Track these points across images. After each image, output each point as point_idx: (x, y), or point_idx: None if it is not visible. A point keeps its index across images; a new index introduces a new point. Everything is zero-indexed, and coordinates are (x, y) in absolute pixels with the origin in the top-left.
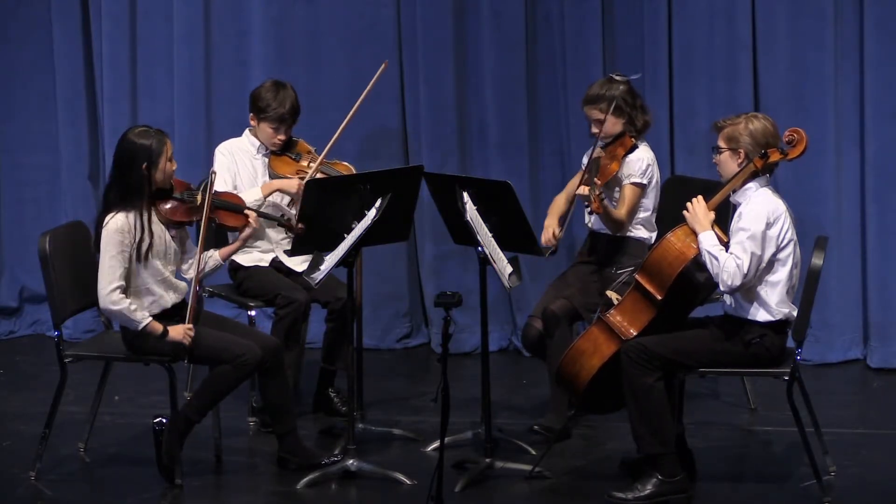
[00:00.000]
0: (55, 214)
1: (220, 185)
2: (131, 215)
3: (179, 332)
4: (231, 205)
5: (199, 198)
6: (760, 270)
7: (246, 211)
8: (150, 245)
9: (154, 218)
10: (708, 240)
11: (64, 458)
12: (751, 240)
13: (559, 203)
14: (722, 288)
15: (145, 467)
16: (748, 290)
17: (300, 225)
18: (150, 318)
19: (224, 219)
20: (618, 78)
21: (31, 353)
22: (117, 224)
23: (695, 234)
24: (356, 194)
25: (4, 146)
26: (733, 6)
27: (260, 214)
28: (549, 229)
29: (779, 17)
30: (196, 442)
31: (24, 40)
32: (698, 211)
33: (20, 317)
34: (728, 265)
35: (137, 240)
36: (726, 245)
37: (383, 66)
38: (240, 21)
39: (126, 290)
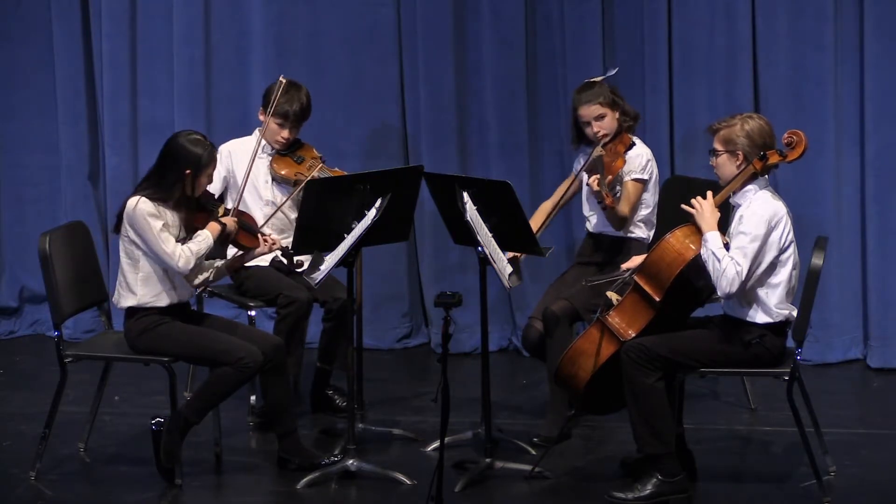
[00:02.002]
0: (55, 214)
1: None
2: (159, 207)
3: (231, 222)
4: (248, 226)
5: (221, 209)
6: (759, 275)
7: (261, 235)
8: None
9: (176, 218)
10: (714, 240)
11: (64, 458)
12: (752, 244)
13: (544, 209)
14: (719, 293)
15: (145, 467)
16: (747, 291)
17: (297, 259)
18: (209, 233)
19: (240, 238)
20: (596, 80)
21: (31, 353)
22: (147, 207)
23: (698, 231)
24: (356, 194)
25: (4, 146)
26: (733, 6)
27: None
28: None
29: (779, 17)
30: (196, 442)
31: (25, 40)
32: (706, 209)
33: (20, 317)
34: (728, 271)
35: (173, 230)
36: (726, 246)
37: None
38: (240, 21)
39: (136, 272)
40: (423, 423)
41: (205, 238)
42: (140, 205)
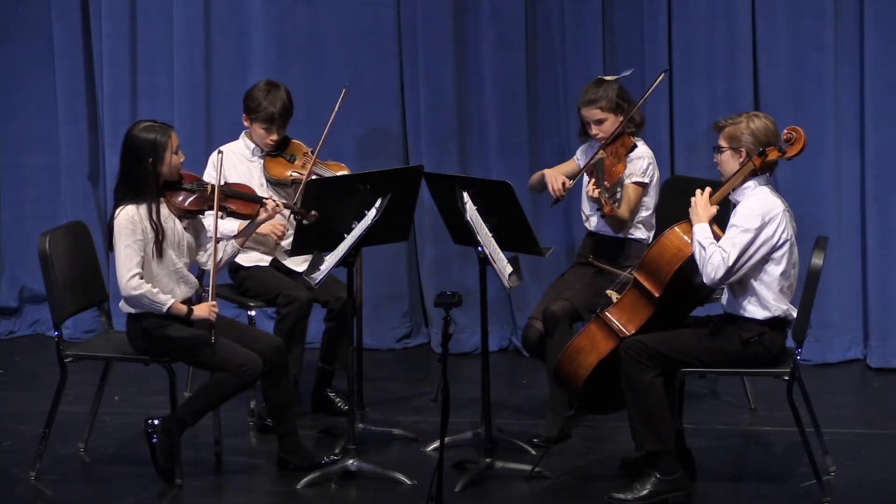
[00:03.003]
0: (55, 214)
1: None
2: (142, 208)
3: (204, 309)
4: (242, 193)
5: (209, 188)
6: (748, 268)
7: (266, 200)
8: (163, 238)
9: (165, 211)
10: (701, 231)
11: (64, 458)
12: (742, 235)
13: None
14: (705, 280)
15: (145, 467)
16: (743, 287)
17: (313, 212)
18: (174, 300)
19: (237, 206)
20: (608, 78)
21: (31, 353)
22: (128, 215)
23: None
24: (356, 194)
25: (4, 146)
26: (733, 6)
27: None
28: (559, 179)
29: (779, 17)
30: (196, 442)
31: (25, 40)
32: (699, 203)
33: (20, 317)
34: (714, 258)
35: (149, 234)
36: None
37: (343, 92)
38: (240, 21)
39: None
40: (423, 423)
41: (164, 301)
42: (120, 215)
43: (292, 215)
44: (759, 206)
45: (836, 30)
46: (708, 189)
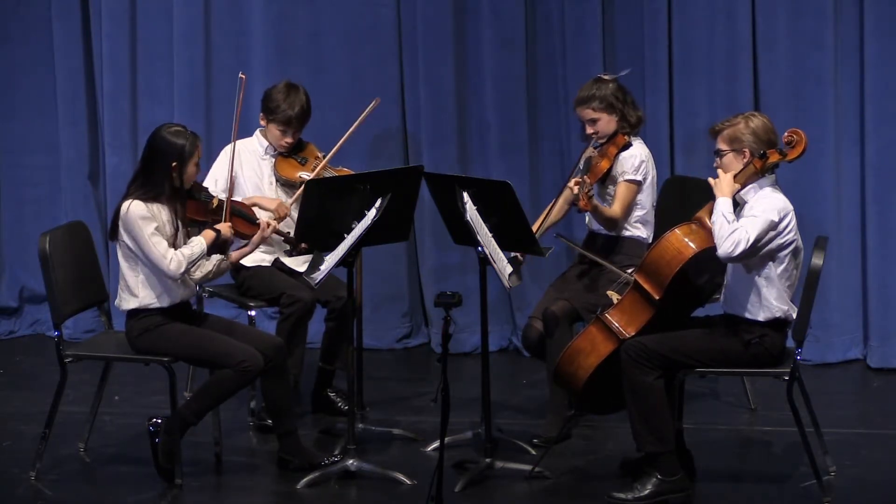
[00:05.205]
0: (55, 214)
1: (212, 185)
2: (154, 206)
3: (226, 229)
4: (245, 213)
5: (215, 201)
6: (759, 256)
7: (265, 219)
8: (174, 238)
9: (171, 214)
10: (725, 205)
11: (64, 458)
12: (759, 222)
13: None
14: (719, 252)
15: (145, 467)
16: (745, 286)
17: (303, 245)
18: (203, 239)
19: (238, 225)
20: (606, 77)
21: (31, 353)
22: (141, 205)
23: (701, 228)
24: (356, 194)
25: (4, 146)
26: (733, 6)
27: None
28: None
29: (779, 17)
30: (196, 442)
31: (25, 40)
32: (724, 179)
33: (20, 317)
34: (736, 234)
35: (162, 229)
36: None
37: (375, 102)
38: (240, 21)
39: (136, 274)
40: (423, 423)
41: (198, 244)
42: (132, 208)
43: (285, 241)
44: (774, 203)
45: (836, 30)
46: (732, 172)
